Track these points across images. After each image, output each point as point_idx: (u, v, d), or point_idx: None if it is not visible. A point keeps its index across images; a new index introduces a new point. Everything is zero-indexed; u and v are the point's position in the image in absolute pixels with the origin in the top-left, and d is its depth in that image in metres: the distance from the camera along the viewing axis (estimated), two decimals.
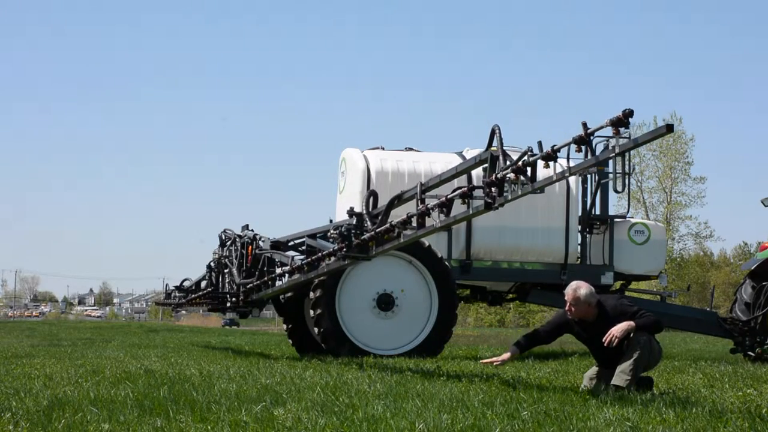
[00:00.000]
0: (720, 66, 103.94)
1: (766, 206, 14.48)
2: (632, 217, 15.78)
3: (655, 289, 17.92)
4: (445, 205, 7.45)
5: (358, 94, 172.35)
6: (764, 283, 13.73)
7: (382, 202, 13.16)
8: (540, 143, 15.66)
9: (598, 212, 14.61)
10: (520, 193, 6.46)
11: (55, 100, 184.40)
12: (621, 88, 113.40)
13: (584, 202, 14.44)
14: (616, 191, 14.18)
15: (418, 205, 7.99)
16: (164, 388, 7.16)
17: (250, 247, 12.47)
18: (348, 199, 13.68)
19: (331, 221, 13.72)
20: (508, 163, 6.66)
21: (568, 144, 6.01)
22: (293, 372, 9.09)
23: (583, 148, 6.19)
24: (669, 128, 5.23)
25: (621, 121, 5.59)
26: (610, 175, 14.74)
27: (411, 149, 14.23)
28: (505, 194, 6.67)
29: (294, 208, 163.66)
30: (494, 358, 7.57)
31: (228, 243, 13.52)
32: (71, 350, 15.33)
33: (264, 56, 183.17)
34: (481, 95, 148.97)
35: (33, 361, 11.61)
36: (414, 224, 7.92)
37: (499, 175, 6.55)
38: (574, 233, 14.19)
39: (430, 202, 7.95)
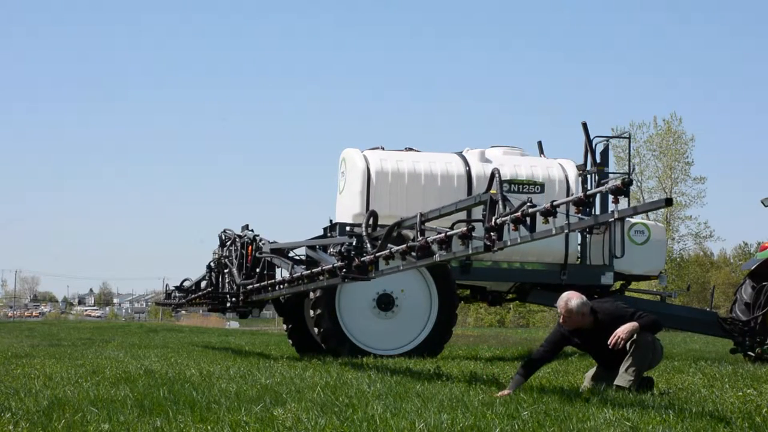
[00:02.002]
0: (720, 66, 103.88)
1: (766, 206, 14.48)
2: (632, 217, 15.77)
3: (655, 289, 17.93)
4: (445, 242, 7.54)
5: (358, 94, 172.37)
6: (764, 283, 13.73)
7: (382, 201, 13.21)
8: (540, 143, 15.59)
9: (598, 212, 14.60)
10: (519, 240, 6.55)
11: (55, 100, 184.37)
12: (621, 89, 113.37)
13: None
14: (615, 257, 14.10)
15: (417, 237, 8.08)
16: (164, 388, 7.16)
17: (250, 248, 12.47)
18: (348, 199, 13.68)
19: (331, 221, 13.73)
20: (507, 208, 6.76)
21: (568, 202, 6.11)
22: (293, 372, 9.10)
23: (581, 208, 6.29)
24: (668, 202, 5.35)
25: (620, 190, 5.68)
26: (611, 176, 14.78)
27: (411, 149, 14.22)
28: (504, 240, 6.76)
29: (294, 208, 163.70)
30: (498, 394, 7.60)
31: (228, 243, 13.51)
32: (71, 350, 15.34)
33: (264, 56, 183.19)
34: (481, 95, 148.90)
35: (33, 361, 11.61)
36: (414, 254, 8.00)
37: (498, 221, 6.64)
38: (573, 233, 14.18)
39: (430, 234, 8.14)
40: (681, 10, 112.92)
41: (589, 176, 14.48)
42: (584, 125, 14.30)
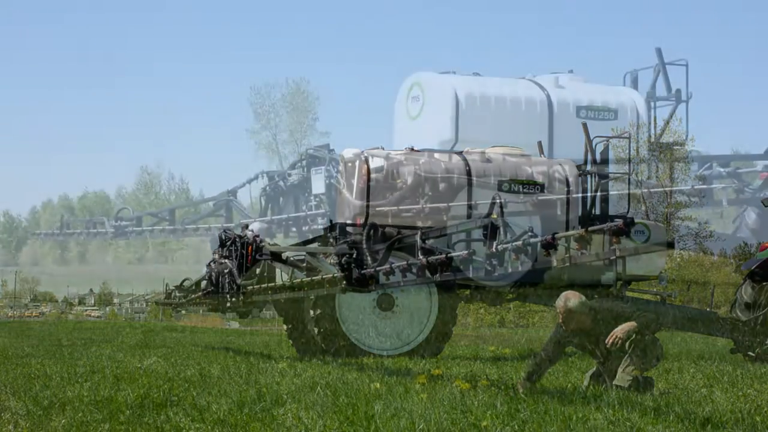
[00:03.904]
0: (720, 66, 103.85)
1: (766, 206, 14.46)
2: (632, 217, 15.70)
3: (655, 289, 17.92)
4: (446, 264, 7.56)
5: (358, 93, 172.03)
6: (764, 283, 13.71)
7: (383, 201, 13.19)
8: (540, 143, 15.55)
9: (598, 212, 14.56)
10: (520, 269, 6.55)
11: (54, 99, 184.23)
12: None
13: (584, 202, 14.40)
14: (621, 297, 14.06)
15: (418, 255, 8.08)
16: (164, 388, 7.16)
17: (250, 248, 12.45)
18: (348, 199, 13.66)
19: (330, 221, 13.70)
20: (509, 235, 6.75)
21: (569, 236, 6.13)
22: (293, 372, 9.10)
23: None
24: (670, 245, 5.42)
25: (621, 231, 5.70)
26: (611, 176, 14.77)
27: (411, 149, 14.21)
28: (505, 266, 6.76)
29: None
30: None
31: (228, 243, 13.49)
32: (71, 350, 15.32)
33: (263, 55, 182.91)
34: None
35: (33, 361, 11.60)
36: (414, 271, 8.01)
37: (499, 248, 6.65)
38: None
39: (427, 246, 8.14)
40: (681, 10, 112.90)
41: (589, 176, 14.46)
42: (584, 125, 14.29)
